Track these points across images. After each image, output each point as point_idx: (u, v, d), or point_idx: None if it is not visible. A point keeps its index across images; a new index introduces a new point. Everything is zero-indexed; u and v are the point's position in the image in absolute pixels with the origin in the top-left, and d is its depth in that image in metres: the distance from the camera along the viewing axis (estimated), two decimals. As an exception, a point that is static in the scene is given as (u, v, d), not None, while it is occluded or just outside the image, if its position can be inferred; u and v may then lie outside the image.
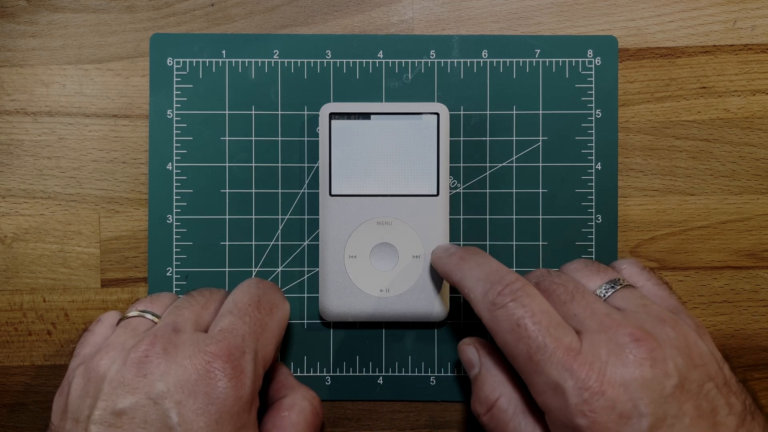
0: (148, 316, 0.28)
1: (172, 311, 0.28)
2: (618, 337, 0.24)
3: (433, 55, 0.34)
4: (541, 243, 0.33)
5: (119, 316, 0.30)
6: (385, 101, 0.34)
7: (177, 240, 0.33)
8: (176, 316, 0.27)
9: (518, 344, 0.25)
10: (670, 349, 0.24)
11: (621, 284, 0.28)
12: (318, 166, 0.33)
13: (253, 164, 0.33)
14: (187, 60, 0.33)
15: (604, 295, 0.28)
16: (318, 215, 0.33)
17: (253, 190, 0.33)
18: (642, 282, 0.29)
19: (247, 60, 0.34)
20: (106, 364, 0.25)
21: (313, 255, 0.33)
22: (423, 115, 0.32)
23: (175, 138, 0.33)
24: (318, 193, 0.33)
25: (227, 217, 0.33)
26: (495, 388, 0.28)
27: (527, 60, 0.33)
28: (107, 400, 0.24)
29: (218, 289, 0.30)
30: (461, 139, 0.34)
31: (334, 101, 0.34)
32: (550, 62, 0.33)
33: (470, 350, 0.30)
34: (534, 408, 0.27)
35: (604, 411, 0.23)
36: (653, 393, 0.23)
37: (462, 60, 0.34)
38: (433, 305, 0.32)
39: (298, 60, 0.34)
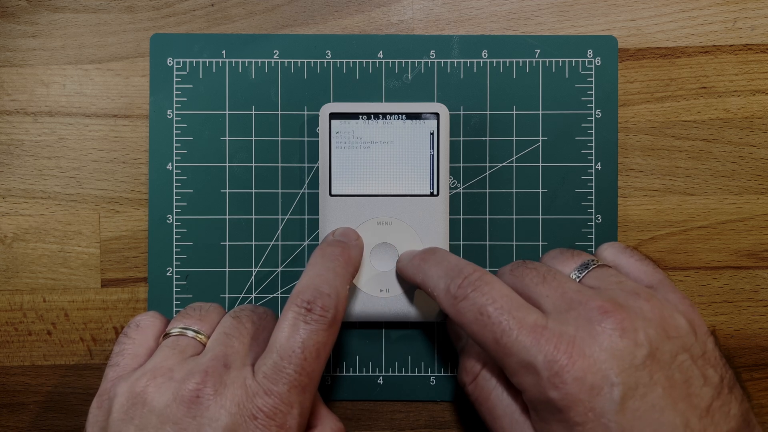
0: (198, 336, 0.28)
1: (222, 339, 0.27)
2: (587, 312, 0.24)
3: (433, 55, 0.34)
4: (541, 243, 0.33)
5: (160, 322, 0.30)
6: (385, 101, 0.34)
7: (177, 240, 0.33)
8: (226, 347, 0.27)
9: (484, 332, 0.25)
10: (641, 321, 0.24)
11: (594, 264, 0.28)
12: (318, 166, 0.33)
13: (253, 164, 0.33)
14: (187, 60, 0.33)
15: (578, 277, 0.28)
16: (318, 215, 0.33)
17: (253, 190, 0.33)
18: (624, 260, 0.29)
19: (247, 60, 0.33)
20: (153, 393, 0.25)
21: (313, 255, 0.33)
22: (423, 115, 0.32)
23: (175, 138, 0.33)
24: (318, 193, 0.33)
25: (227, 217, 0.33)
26: (480, 359, 0.29)
27: (527, 60, 0.33)
28: None
29: (265, 309, 0.30)
30: (461, 139, 0.34)
31: (334, 101, 0.34)
32: (550, 62, 0.33)
33: None
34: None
35: (575, 382, 0.23)
36: (623, 362, 0.23)
37: (462, 60, 0.33)
38: (433, 305, 0.32)
39: (298, 60, 0.34)
